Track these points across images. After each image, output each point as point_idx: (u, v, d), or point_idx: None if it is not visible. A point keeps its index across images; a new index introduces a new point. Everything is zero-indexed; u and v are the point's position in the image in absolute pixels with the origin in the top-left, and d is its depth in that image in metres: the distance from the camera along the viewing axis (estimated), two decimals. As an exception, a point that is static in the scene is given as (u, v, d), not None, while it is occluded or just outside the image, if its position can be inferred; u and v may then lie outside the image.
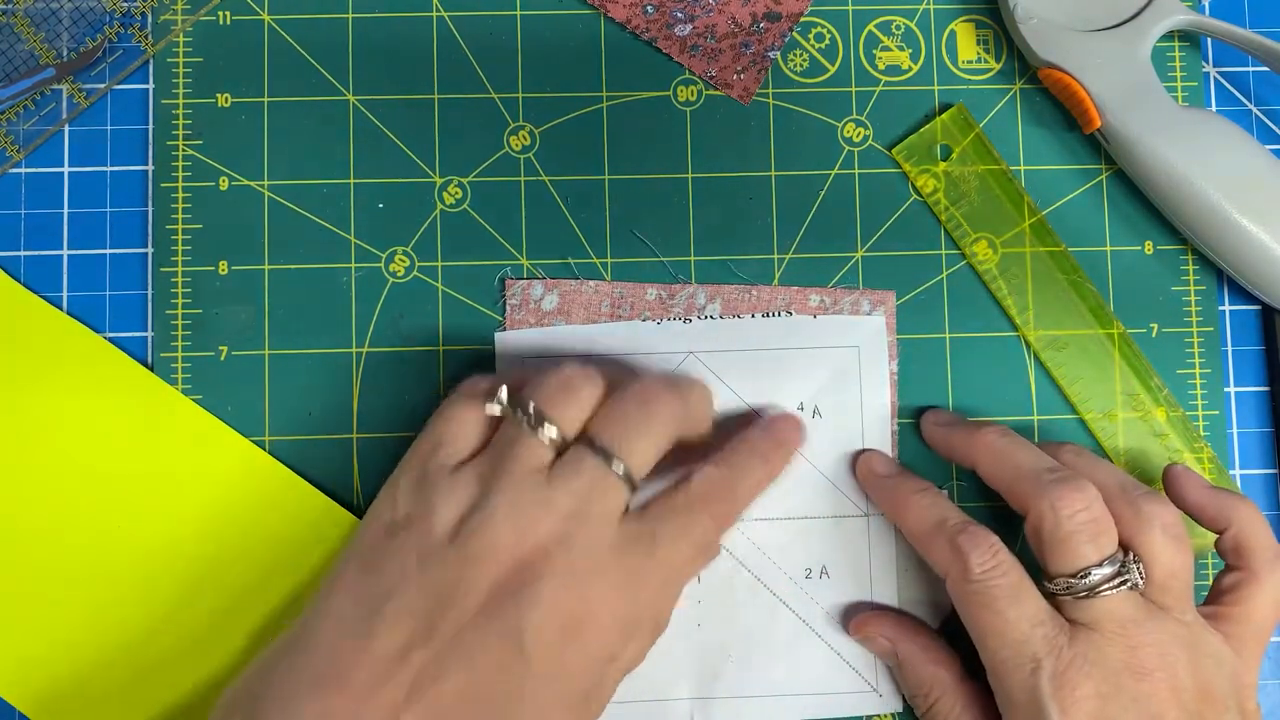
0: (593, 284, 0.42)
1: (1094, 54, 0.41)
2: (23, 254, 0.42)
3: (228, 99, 0.42)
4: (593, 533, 0.34)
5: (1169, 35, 0.43)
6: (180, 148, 0.42)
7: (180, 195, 0.42)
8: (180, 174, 0.42)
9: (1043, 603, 0.36)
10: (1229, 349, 0.43)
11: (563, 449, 0.35)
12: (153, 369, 0.41)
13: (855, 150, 0.43)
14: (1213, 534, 0.38)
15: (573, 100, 0.43)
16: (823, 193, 0.43)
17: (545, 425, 0.35)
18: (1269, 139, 0.44)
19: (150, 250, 0.42)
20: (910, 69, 0.43)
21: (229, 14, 0.43)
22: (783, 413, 0.41)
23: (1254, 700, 0.36)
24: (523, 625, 0.32)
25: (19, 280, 0.42)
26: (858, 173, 0.43)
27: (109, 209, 0.42)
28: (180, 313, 0.41)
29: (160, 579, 0.40)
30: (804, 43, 0.43)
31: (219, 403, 0.41)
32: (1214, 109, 0.44)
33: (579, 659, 0.33)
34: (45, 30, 0.42)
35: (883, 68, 0.43)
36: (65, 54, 0.42)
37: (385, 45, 0.43)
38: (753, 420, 0.40)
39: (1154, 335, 0.43)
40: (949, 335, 0.42)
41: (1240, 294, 0.43)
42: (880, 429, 0.42)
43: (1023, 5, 0.42)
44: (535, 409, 0.35)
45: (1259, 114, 0.44)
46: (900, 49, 0.43)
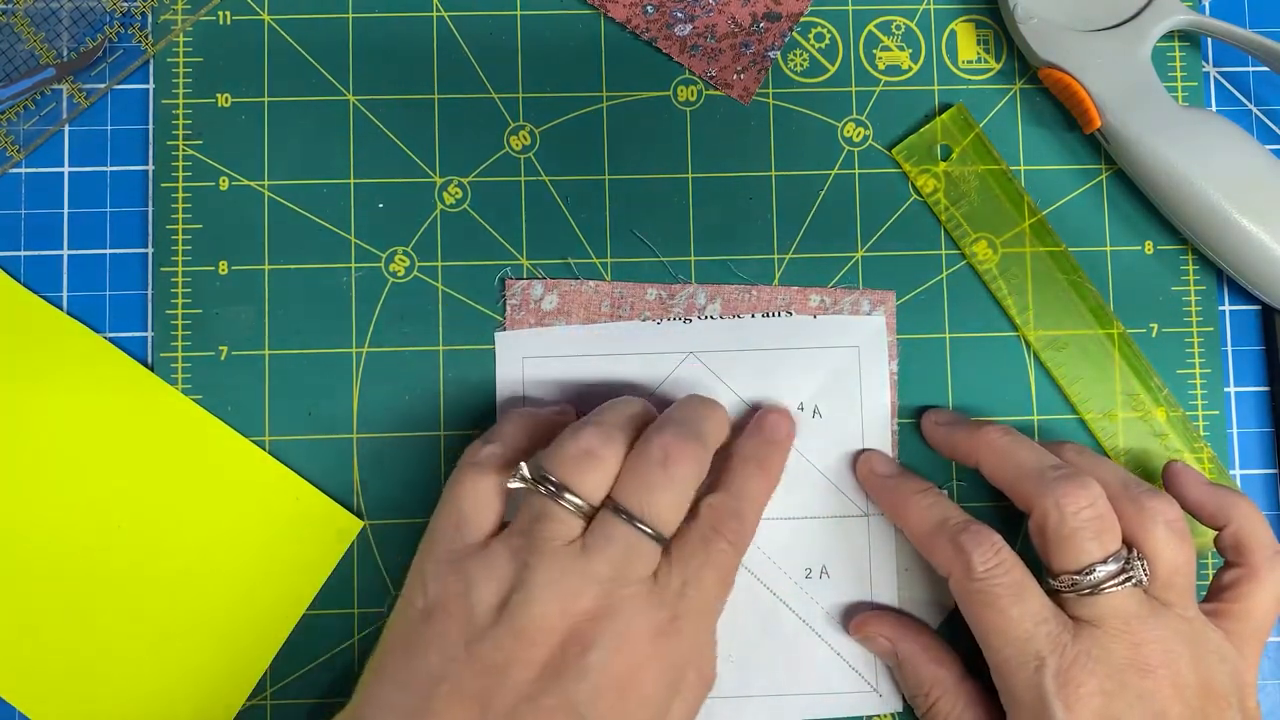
0: (593, 284, 0.42)
1: (1094, 54, 0.41)
2: (23, 254, 0.42)
3: (228, 99, 0.42)
4: (633, 595, 0.34)
5: (1169, 35, 0.43)
6: (180, 148, 0.42)
7: (180, 195, 0.42)
8: (180, 174, 0.42)
9: (1046, 600, 0.36)
10: (1229, 349, 0.43)
11: (590, 515, 0.35)
12: (153, 369, 0.41)
13: (855, 150, 0.43)
14: (1212, 531, 0.38)
15: (573, 100, 0.43)
16: (823, 193, 0.43)
17: (569, 495, 0.34)
18: (1269, 139, 0.44)
19: (150, 250, 0.42)
20: (910, 69, 0.43)
21: (229, 14, 0.42)
22: (768, 408, 0.41)
23: (1254, 698, 0.36)
24: (579, 697, 0.33)
25: (19, 280, 0.41)
26: (858, 173, 0.43)
27: (109, 209, 0.42)
28: (180, 313, 0.41)
29: (160, 579, 0.40)
30: (804, 43, 0.43)
31: (219, 403, 0.41)
32: (1214, 109, 0.44)
33: (638, 717, 0.33)
34: (45, 30, 0.42)
35: (883, 68, 0.43)
36: (65, 54, 0.42)
37: (385, 45, 0.43)
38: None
39: (1154, 335, 0.43)
40: (949, 335, 0.42)
41: (1240, 294, 0.43)
42: (880, 429, 0.42)
43: (1023, 5, 0.42)
44: (559, 482, 0.35)
45: (1259, 114, 0.44)
46: (900, 49, 0.43)
